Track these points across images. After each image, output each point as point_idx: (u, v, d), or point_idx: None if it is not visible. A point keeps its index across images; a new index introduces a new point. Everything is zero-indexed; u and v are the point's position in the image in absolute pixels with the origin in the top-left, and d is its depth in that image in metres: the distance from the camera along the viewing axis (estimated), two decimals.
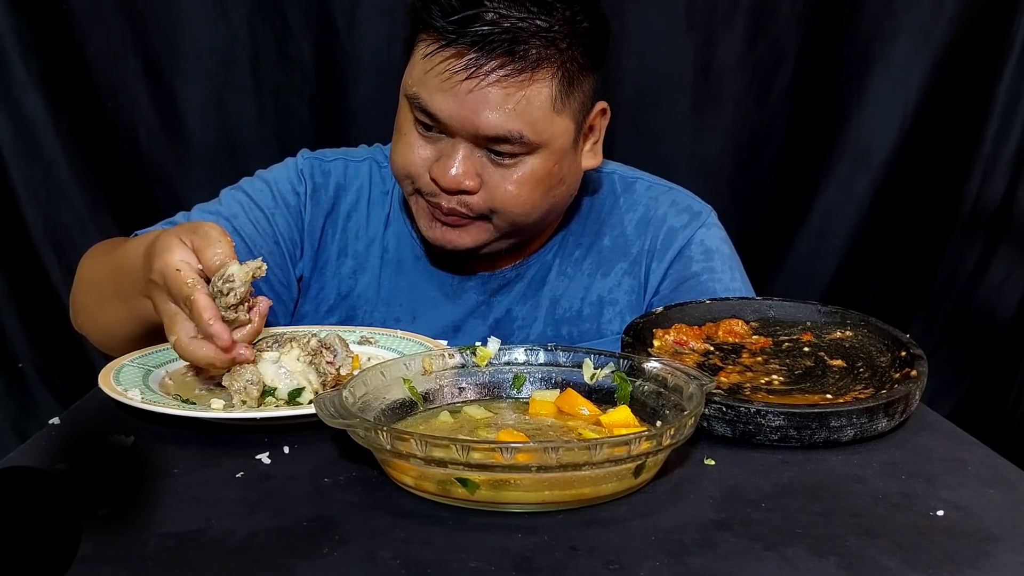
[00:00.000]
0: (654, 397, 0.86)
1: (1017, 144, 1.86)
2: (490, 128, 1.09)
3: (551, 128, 1.12)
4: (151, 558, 0.66)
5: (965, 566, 0.65)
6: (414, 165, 1.14)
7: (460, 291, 1.26)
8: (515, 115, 1.09)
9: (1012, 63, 1.82)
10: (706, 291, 1.21)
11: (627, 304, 1.26)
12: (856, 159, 1.88)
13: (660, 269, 1.26)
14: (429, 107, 1.11)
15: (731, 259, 1.28)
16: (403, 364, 0.89)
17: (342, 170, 1.30)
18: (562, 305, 1.26)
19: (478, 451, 0.69)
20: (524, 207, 1.14)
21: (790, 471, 0.80)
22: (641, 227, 1.27)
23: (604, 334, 1.24)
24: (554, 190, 1.17)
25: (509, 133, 1.09)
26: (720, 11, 1.83)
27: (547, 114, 1.11)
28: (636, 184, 1.31)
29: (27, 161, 1.84)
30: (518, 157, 1.12)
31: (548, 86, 1.10)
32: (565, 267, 1.27)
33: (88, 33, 1.80)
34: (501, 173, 1.12)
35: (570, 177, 1.19)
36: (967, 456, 0.84)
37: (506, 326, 1.25)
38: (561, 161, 1.15)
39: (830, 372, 0.96)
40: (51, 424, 0.90)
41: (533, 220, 1.18)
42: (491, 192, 1.13)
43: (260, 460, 0.81)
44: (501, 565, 0.64)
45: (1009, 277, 1.89)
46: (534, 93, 1.09)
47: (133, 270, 0.99)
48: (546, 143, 1.12)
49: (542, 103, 1.10)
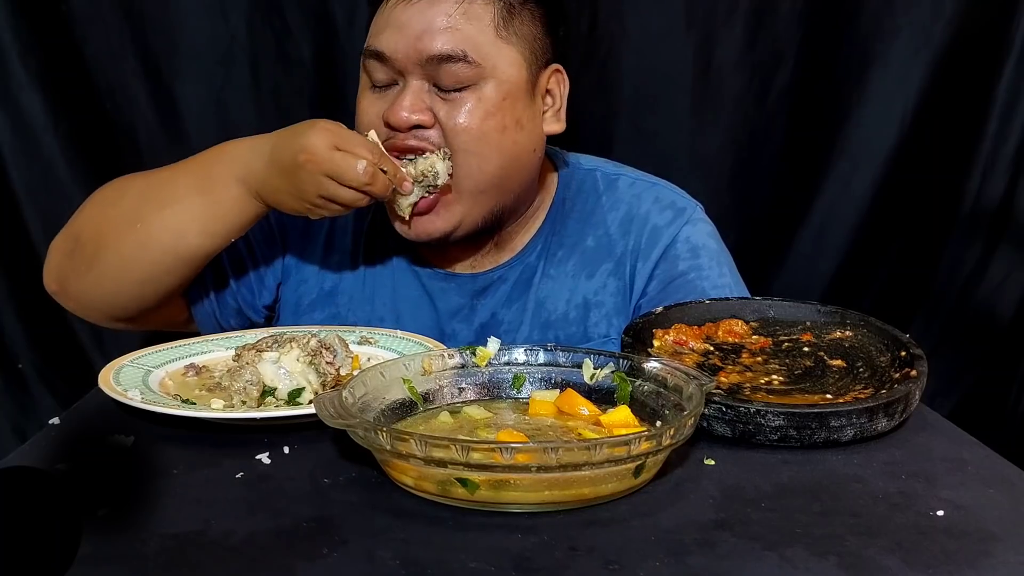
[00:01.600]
0: (654, 397, 0.86)
1: (1017, 144, 1.85)
2: (434, 48, 1.10)
3: (496, 54, 1.12)
4: (151, 558, 0.66)
5: (965, 566, 0.65)
6: (368, 118, 1.15)
7: (442, 292, 1.24)
8: (457, 33, 1.11)
9: (1012, 63, 1.82)
10: (694, 290, 1.20)
11: (613, 306, 1.24)
12: (856, 159, 1.88)
13: (646, 270, 1.24)
14: (377, 46, 1.13)
15: (719, 254, 1.26)
16: (403, 364, 0.89)
17: None
18: (547, 308, 1.24)
19: (478, 451, 0.69)
20: (479, 143, 1.13)
21: (790, 471, 0.80)
22: (625, 226, 1.25)
23: (591, 337, 1.23)
24: (511, 132, 1.15)
25: (452, 51, 1.10)
26: (720, 11, 1.83)
27: (490, 38, 1.12)
28: (619, 181, 1.29)
29: (26, 161, 1.84)
30: (466, 88, 1.12)
31: (488, 11, 1.13)
32: (549, 269, 1.25)
33: (87, 33, 1.80)
34: (451, 105, 1.12)
35: (530, 127, 1.17)
36: (967, 456, 0.84)
37: (491, 330, 1.23)
38: (513, 97, 1.14)
39: (830, 372, 0.96)
40: (51, 424, 0.90)
41: (494, 169, 1.14)
42: (445, 127, 1.13)
43: (260, 460, 0.81)
44: (501, 565, 0.64)
45: (1009, 277, 1.88)
46: (474, 12, 1.12)
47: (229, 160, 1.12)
48: (492, 70, 1.12)
49: (484, 24, 1.12)
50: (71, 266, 1.16)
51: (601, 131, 1.87)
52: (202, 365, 1.04)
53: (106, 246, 1.12)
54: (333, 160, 1.03)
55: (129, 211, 1.13)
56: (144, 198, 1.14)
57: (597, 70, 1.85)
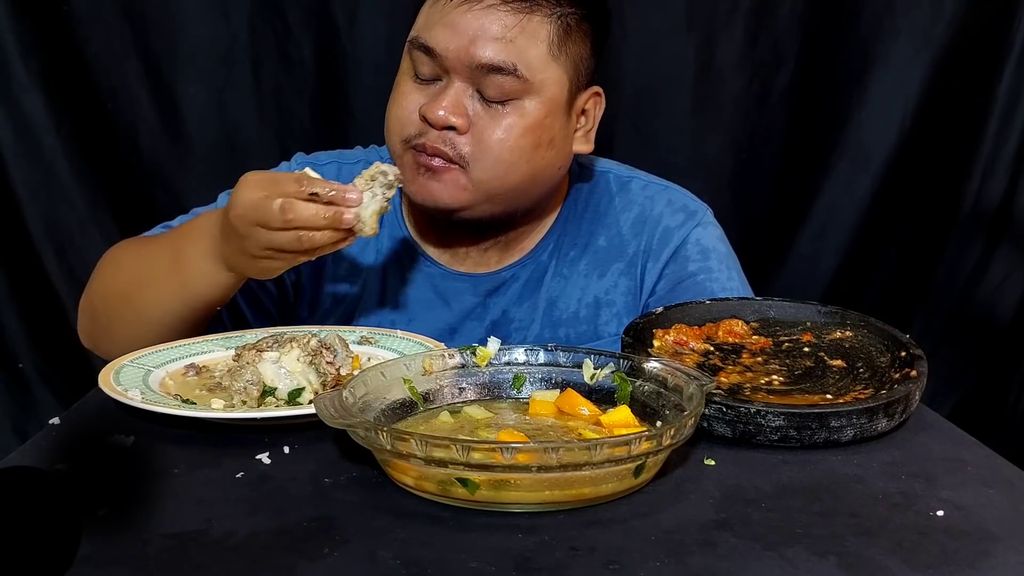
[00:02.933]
0: (654, 397, 0.86)
1: (1017, 144, 1.86)
2: (486, 57, 1.10)
3: (545, 71, 1.12)
4: (151, 558, 0.66)
5: (965, 566, 0.65)
6: (405, 110, 1.15)
7: (454, 292, 1.25)
8: (512, 46, 1.10)
9: (1012, 63, 1.82)
10: (703, 291, 1.21)
11: (624, 305, 1.25)
12: (856, 159, 1.88)
13: (656, 269, 1.25)
14: (428, 41, 1.12)
15: (728, 258, 1.27)
16: (403, 364, 0.89)
17: (335, 173, 1.30)
18: (559, 307, 1.25)
19: (478, 451, 0.69)
20: (510, 155, 1.13)
21: (790, 471, 0.80)
22: (637, 227, 1.27)
23: (601, 336, 1.24)
24: (542, 149, 1.15)
25: (504, 63, 1.10)
26: (720, 11, 1.83)
27: (543, 55, 1.12)
28: (632, 183, 1.30)
29: (27, 161, 1.84)
30: (510, 101, 1.12)
31: (547, 26, 1.12)
32: (561, 268, 1.26)
33: (88, 34, 1.80)
34: (491, 115, 1.12)
35: (561, 145, 1.18)
36: (967, 456, 0.84)
37: (503, 328, 1.25)
38: (553, 115, 1.15)
39: (830, 372, 0.96)
40: (51, 424, 0.90)
41: (516, 178, 1.15)
42: (479, 134, 1.12)
43: (260, 460, 0.81)
44: (501, 565, 0.64)
45: (1009, 277, 1.89)
46: (534, 29, 1.11)
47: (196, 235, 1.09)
48: (539, 87, 1.12)
49: (539, 41, 1.12)
50: (94, 328, 1.21)
51: (602, 132, 1.85)
52: (202, 365, 1.04)
53: (113, 316, 1.17)
54: (256, 207, 0.99)
55: (121, 287, 1.17)
56: (130, 276, 1.17)
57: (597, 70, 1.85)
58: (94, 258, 1.24)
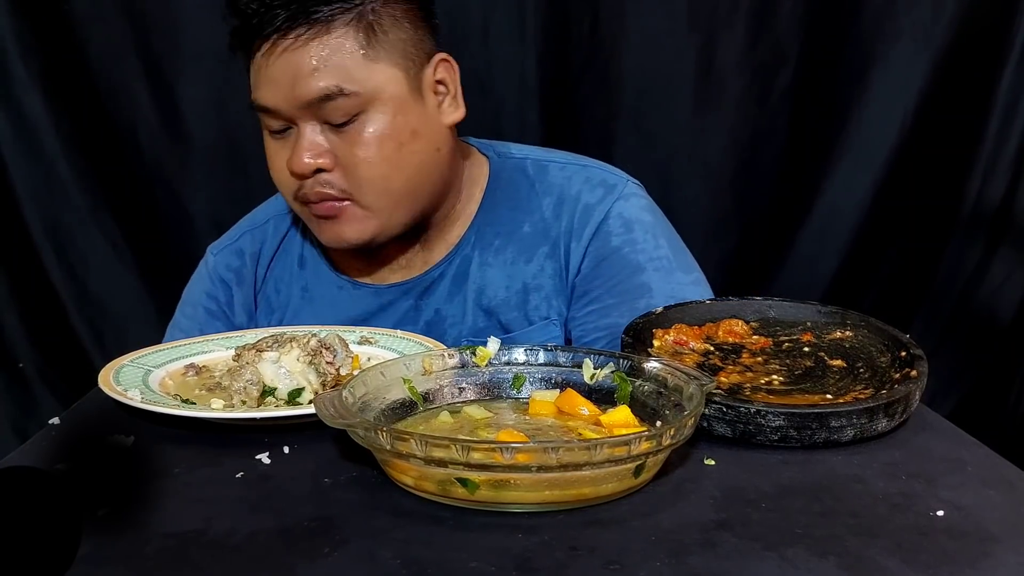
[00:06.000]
0: (654, 397, 0.86)
1: (1017, 144, 1.86)
2: (308, 92, 1.10)
3: (371, 77, 1.12)
4: (151, 558, 0.66)
5: (965, 566, 0.65)
6: (279, 171, 1.17)
7: (388, 303, 1.26)
8: (326, 71, 1.10)
9: (1012, 63, 1.82)
10: (628, 264, 1.20)
11: (552, 288, 1.23)
12: (857, 159, 1.88)
13: (580, 248, 1.23)
14: (260, 101, 1.13)
15: (654, 226, 1.25)
16: (403, 364, 0.89)
17: (249, 241, 1.33)
18: (487, 295, 1.24)
19: (478, 451, 0.69)
20: (379, 168, 1.13)
21: (790, 471, 0.80)
22: (557, 209, 1.25)
23: (532, 320, 1.23)
24: (408, 145, 1.15)
25: (326, 89, 1.10)
26: (721, 12, 1.83)
27: (359, 63, 1.11)
28: (550, 167, 1.28)
29: (27, 161, 1.84)
30: (355, 119, 1.12)
31: (349, 36, 1.11)
32: (486, 257, 1.25)
33: (89, 33, 1.81)
34: (346, 140, 1.12)
35: (425, 131, 1.17)
36: (967, 456, 0.84)
37: (437, 327, 1.24)
38: (403, 112, 1.14)
39: (830, 372, 0.96)
40: (51, 424, 0.90)
41: (398, 185, 1.15)
42: (345, 164, 1.13)
43: (260, 460, 0.81)
44: (502, 565, 0.64)
45: (1010, 277, 1.89)
46: (335, 45, 1.10)
47: None
48: (374, 94, 1.12)
49: (349, 53, 1.11)
50: None
51: (602, 132, 1.87)
52: (202, 365, 1.04)
53: None
54: None
55: None
56: None
57: (598, 71, 1.85)
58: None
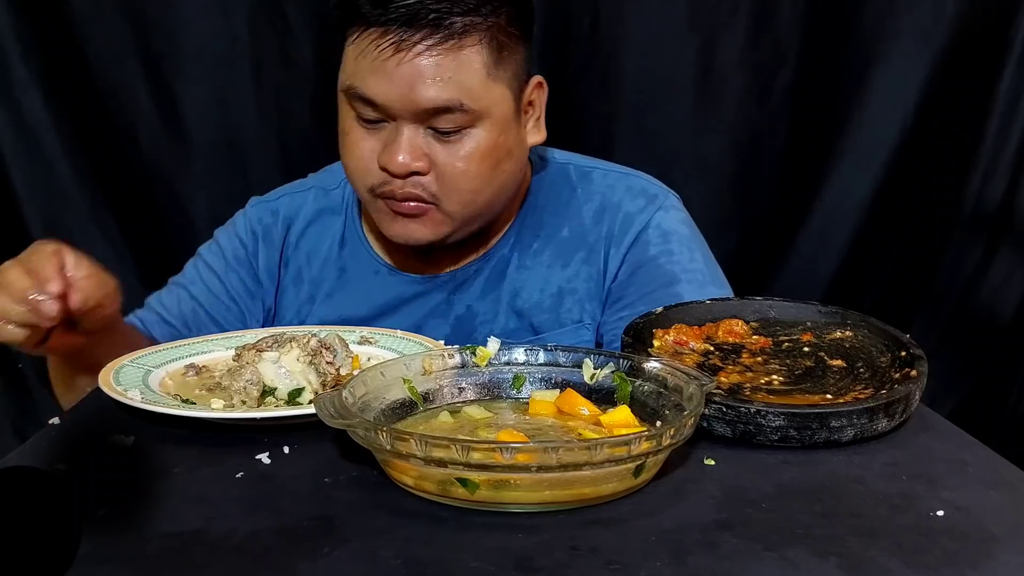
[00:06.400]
0: (654, 397, 0.86)
1: (1017, 144, 1.85)
2: (428, 100, 1.09)
3: (489, 95, 1.12)
4: (152, 558, 0.66)
5: (966, 567, 0.65)
6: (361, 160, 1.15)
7: (422, 294, 1.26)
8: (451, 84, 1.09)
9: (1012, 63, 1.82)
10: (663, 274, 1.21)
11: (586, 292, 1.25)
12: (857, 159, 1.88)
13: (618, 255, 1.25)
14: (365, 93, 1.11)
15: (691, 240, 1.27)
16: (403, 364, 0.89)
17: (288, 204, 1.33)
18: (522, 297, 1.25)
19: (478, 451, 0.69)
20: (474, 183, 1.14)
21: (791, 471, 0.80)
22: (598, 215, 1.27)
23: (564, 323, 1.24)
24: (502, 164, 1.16)
25: (448, 102, 1.09)
26: (721, 12, 1.83)
27: (482, 80, 1.11)
28: (592, 173, 1.30)
29: (27, 161, 1.84)
30: (462, 131, 1.12)
31: (478, 52, 1.10)
32: (524, 259, 1.26)
33: (89, 33, 1.81)
34: (448, 150, 1.12)
35: (517, 151, 1.19)
36: (968, 457, 0.84)
37: (467, 323, 1.25)
38: (505, 132, 1.15)
39: (830, 372, 0.96)
40: (51, 424, 0.90)
41: (484, 199, 1.17)
42: (440, 171, 1.13)
43: (260, 460, 0.81)
44: (502, 565, 0.64)
45: (1010, 277, 1.89)
46: (465, 60, 1.10)
47: None
48: (486, 112, 1.12)
49: (475, 70, 1.10)
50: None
51: (603, 132, 1.87)
52: (202, 365, 1.04)
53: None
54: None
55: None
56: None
57: (599, 71, 1.85)
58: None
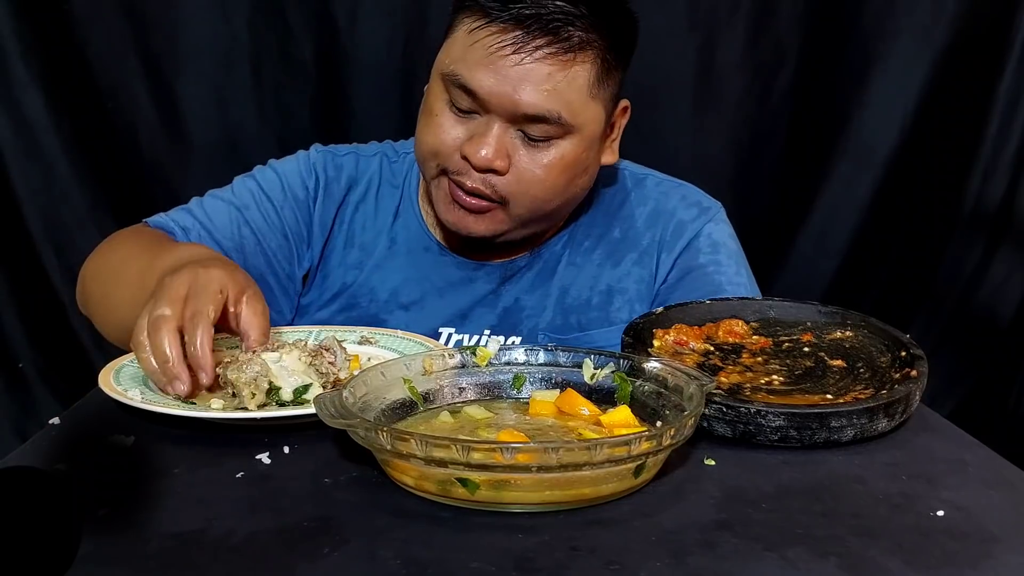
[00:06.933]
0: (654, 397, 0.86)
1: (1017, 144, 1.86)
2: (530, 106, 1.10)
3: (585, 112, 1.13)
4: (152, 558, 0.66)
5: (966, 567, 0.65)
6: (444, 145, 1.15)
7: (469, 280, 1.27)
8: (556, 95, 1.10)
9: (1012, 63, 1.82)
10: (711, 283, 1.23)
11: (636, 293, 1.27)
12: (857, 159, 1.88)
13: (669, 260, 1.27)
14: (469, 83, 1.11)
15: (737, 255, 1.30)
16: (403, 364, 0.89)
17: (354, 164, 1.31)
18: (571, 294, 1.27)
19: (478, 451, 0.69)
20: (547, 192, 1.15)
21: (791, 471, 0.80)
22: (651, 220, 1.29)
23: (613, 322, 1.25)
24: (578, 179, 1.18)
25: (548, 112, 1.10)
26: (721, 11, 1.83)
27: (583, 97, 1.12)
28: (647, 180, 1.33)
29: (27, 161, 1.84)
30: (551, 140, 1.13)
31: (587, 70, 1.12)
32: (575, 257, 1.28)
33: (89, 33, 1.81)
34: (531, 155, 1.13)
35: (592, 168, 1.21)
36: (968, 457, 0.84)
37: (514, 315, 1.26)
38: (590, 149, 1.17)
39: (830, 372, 0.96)
40: (51, 424, 0.90)
41: (550, 209, 1.19)
42: (519, 174, 1.13)
43: (260, 460, 0.81)
44: (502, 565, 0.64)
45: (1010, 277, 1.89)
46: (575, 75, 1.11)
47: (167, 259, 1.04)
48: (579, 128, 1.13)
49: (581, 86, 1.11)
50: (85, 300, 1.23)
51: None
52: None
53: (97, 299, 1.19)
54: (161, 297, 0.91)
55: (105, 277, 1.17)
56: (113, 269, 1.17)
57: None
58: None
